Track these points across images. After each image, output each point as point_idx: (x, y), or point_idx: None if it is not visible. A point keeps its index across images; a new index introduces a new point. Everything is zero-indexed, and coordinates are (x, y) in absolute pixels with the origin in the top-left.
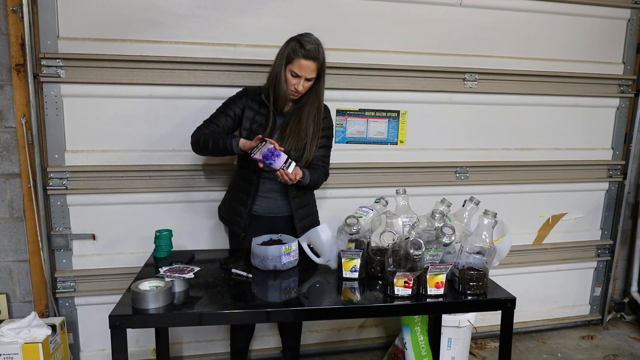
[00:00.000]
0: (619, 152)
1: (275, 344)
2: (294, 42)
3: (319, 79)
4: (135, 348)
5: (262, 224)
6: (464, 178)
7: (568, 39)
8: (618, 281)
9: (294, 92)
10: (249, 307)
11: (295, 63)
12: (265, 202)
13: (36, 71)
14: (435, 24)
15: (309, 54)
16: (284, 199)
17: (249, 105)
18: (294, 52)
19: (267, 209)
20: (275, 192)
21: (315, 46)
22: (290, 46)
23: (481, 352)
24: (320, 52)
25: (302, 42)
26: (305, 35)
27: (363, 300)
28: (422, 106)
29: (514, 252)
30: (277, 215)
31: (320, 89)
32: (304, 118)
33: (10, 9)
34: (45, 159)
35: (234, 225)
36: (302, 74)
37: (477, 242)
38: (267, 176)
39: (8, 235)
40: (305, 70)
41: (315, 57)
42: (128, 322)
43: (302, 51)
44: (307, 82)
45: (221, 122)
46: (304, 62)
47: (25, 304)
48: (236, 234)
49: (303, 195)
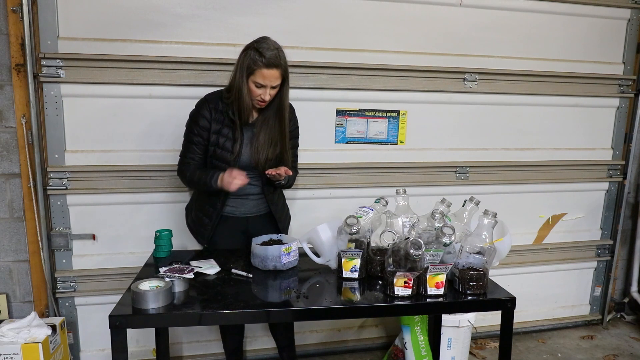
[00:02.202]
0: (619, 152)
1: (272, 344)
2: (251, 51)
3: (284, 83)
4: (135, 348)
5: (236, 224)
6: (464, 178)
7: (568, 39)
8: (618, 281)
9: (260, 102)
10: (249, 307)
11: (257, 74)
12: (240, 203)
13: (36, 71)
14: (435, 24)
15: (270, 62)
16: (261, 199)
17: (213, 118)
18: (254, 63)
19: (243, 210)
20: (252, 193)
21: (275, 52)
22: (249, 56)
23: (481, 352)
24: (281, 57)
25: (261, 50)
26: (263, 42)
27: (363, 300)
28: (422, 106)
29: (514, 252)
30: (253, 214)
31: (285, 93)
32: (274, 126)
33: (10, 9)
34: (45, 159)
35: (198, 236)
36: (267, 84)
37: (477, 242)
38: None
39: (8, 235)
40: (270, 79)
41: (277, 64)
42: (128, 322)
43: (263, 60)
44: (272, 90)
45: (195, 153)
46: (266, 71)
47: (25, 304)
48: (200, 243)
49: (277, 193)
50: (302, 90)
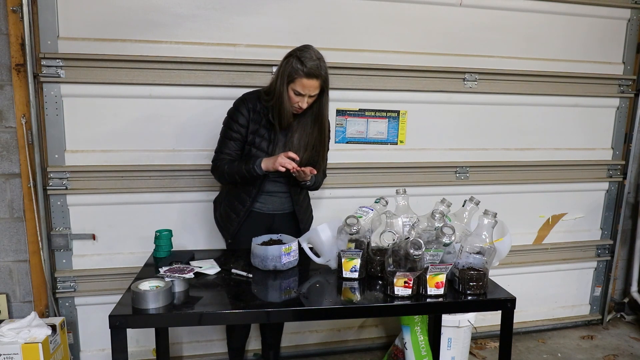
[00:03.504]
0: (619, 152)
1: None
2: (293, 59)
3: (323, 93)
4: (135, 348)
5: (262, 221)
6: (464, 178)
7: (568, 38)
8: (618, 281)
9: (298, 109)
10: (249, 307)
11: (297, 82)
12: (269, 200)
13: (36, 71)
14: (435, 24)
15: (311, 72)
16: (287, 197)
17: (251, 118)
18: (295, 72)
19: (270, 207)
20: (280, 191)
21: (317, 62)
22: (291, 64)
23: (481, 352)
24: (322, 67)
25: (303, 59)
26: (305, 51)
27: (363, 300)
28: (422, 106)
29: (514, 252)
30: (279, 212)
31: (325, 102)
32: (310, 133)
33: (10, 9)
34: (45, 159)
35: (224, 231)
36: (306, 92)
37: (477, 242)
38: (272, 178)
39: (8, 235)
40: (309, 88)
41: (317, 75)
42: (128, 322)
43: (304, 69)
44: (310, 98)
45: (232, 149)
46: (306, 81)
47: (25, 304)
48: (225, 238)
49: (303, 194)
50: None
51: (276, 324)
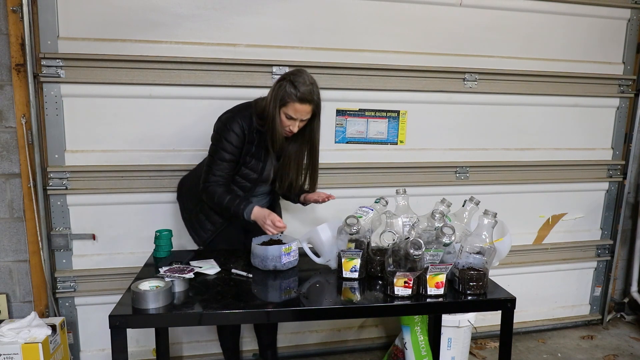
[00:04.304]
0: (619, 152)
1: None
2: (286, 82)
3: (315, 117)
4: (135, 348)
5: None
6: (464, 178)
7: (568, 38)
8: (618, 281)
9: (288, 132)
10: (249, 307)
11: (290, 106)
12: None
13: (36, 71)
14: (435, 24)
15: (304, 97)
16: (269, 199)
17: (245, 138)
18: (288, 96)
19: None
20: (265, 193)
21: (310, 87)
22: (284, 88)
23: (481, 352)
24: (314, 92)
25: (296, 83)
26: (299, 75)
27: (363, 300)
28: (422, 106)
29: (514, 252)
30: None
31: (316, 126)
32: (302, 156)
33: (10, 9)
34: (45, 159)
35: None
36: (298, 117)
37: (477, 242)
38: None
39: (8, 235)
40: (301, 113)
41: (310, 100)
42: (128, 322)
43: (297, 94)
44: (301, 122)
45: (225, 170)
46: (299, 105)
47: (25, 304)
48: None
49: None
50: None
51: (269, 323)
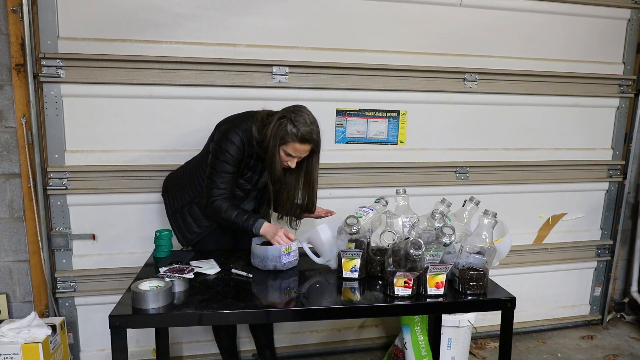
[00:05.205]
0: (619, 152)
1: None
2: (287, 121)
3: (313, 153)
4: (135, 348)
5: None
6: (464, 178)
7: (568, 38)
8: (618, 281)
9: (286, 166)
10: (249, 307)
11: (290, 145)
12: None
13: (36, 71)
14: (435, 24)
15: (304, 138)
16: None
17: (246, 152)
18: (289, 135)
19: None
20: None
21: (311, 127)
22: (285, 127)
23: (481, 352)
24: (314, 132)
25: (297, 123)
26: (299, 115)
27: (363, 300)
28: (422, 106)
29: (514, 252)
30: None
31: (314, 162)
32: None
33: (10, 9)
34: (45, 159)
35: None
36: (297, 155)
37: (477, 242)
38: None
39: (8, 235)
40: (300, 152)
41: (310, 140)
42: (128, 322)
43: (298, 134)
44: (299, 158)
45: (229, 183)
46: (299, 145)
47: (25, 304)
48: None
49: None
50: (302, 90)
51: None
